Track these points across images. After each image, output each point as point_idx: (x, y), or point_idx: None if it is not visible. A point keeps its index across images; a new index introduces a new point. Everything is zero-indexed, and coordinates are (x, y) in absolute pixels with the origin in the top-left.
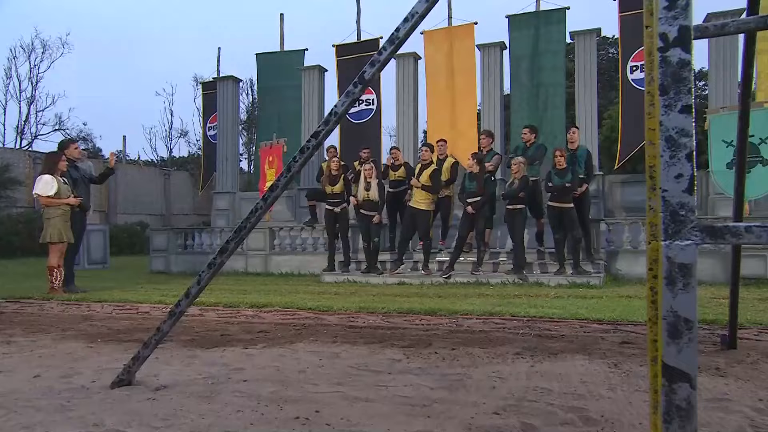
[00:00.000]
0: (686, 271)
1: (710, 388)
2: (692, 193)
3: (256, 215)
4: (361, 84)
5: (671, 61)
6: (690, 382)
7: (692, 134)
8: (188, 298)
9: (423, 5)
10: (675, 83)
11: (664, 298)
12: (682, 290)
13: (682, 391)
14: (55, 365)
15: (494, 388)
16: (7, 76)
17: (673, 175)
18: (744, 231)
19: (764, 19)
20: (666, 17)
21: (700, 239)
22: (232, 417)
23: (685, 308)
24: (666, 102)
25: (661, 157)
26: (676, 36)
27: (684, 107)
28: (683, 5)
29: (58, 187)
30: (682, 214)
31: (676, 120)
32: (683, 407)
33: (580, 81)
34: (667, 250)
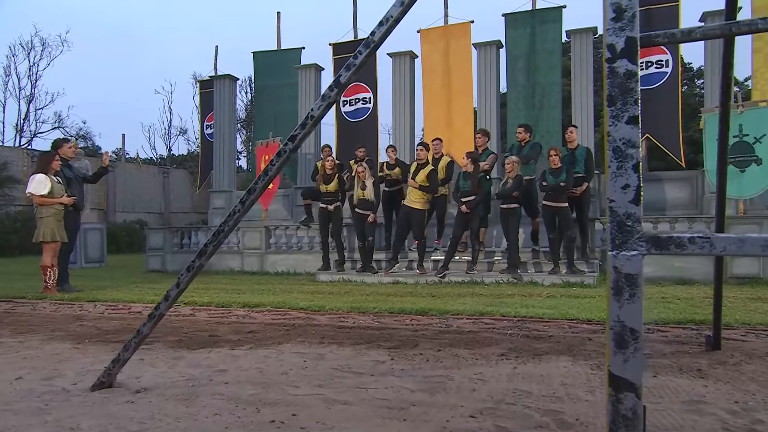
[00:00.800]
0: (633, 281)
1: (688, 390)
2: (639, 203)
3: (234, 218)
4: (337, 88)
5: (618, 72)
6: (636, 392)
7: (639, 145)
8: (167, 301)
9: (398, 9)
10: (622, 94)
11: (610, 308)
12: (628, 300)
13: (628, 401)
14: (39, 367)
15: (474, 391)
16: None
17: (620, 185)
18: (687, 242)
19: (729, 26)
20: (613, 29)
21: (646, 250)
22: (209, 420)
23: (632, 318)
24: (613, 113)
25: (608, 167)
26: (624, 47)
27: (631, 118)
28: (630, 17)
29: (51, 186)
30: (629, 224)
31: (623, 131)
32: (629, 417)
33: (576, 80)
34: (614, 260)
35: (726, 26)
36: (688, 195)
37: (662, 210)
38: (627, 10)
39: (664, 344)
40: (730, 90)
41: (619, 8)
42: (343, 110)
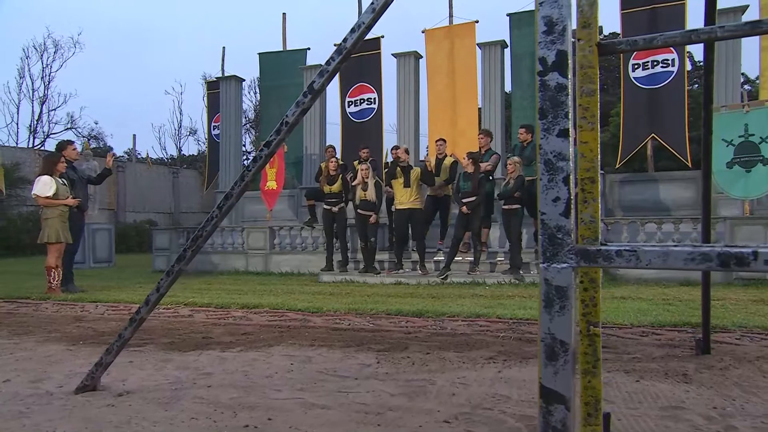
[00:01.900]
0: (563, 293)
1: (669, 396)
2: (569, 216)
3: (212, 223)
4: (311, 94)
5: (550, 85)
6: (566, 404)
7: (569, 158)
8: (148, 305)
9: (369, 16)
10: (553, 107)
11: (541, 321)
12: (558, 313)
13: (558, 413)
14: (29, 369)
15: (454, 395)
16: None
17: (551, 198)
18: (615, 255)
19: (689, 33)
20: (545, 42)
21: (576, 262)
22: (184, 425)
23: (562, 331)
24: (545, 126)
25: (540, 180)
26: (555, 60)
27: (561, 131)
28: (560, 30)
29: (56, 187)
30: (559, 237)
31: (554, 144)
32: (559, 429)
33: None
34: (545, 272)
35: (686, 34)
36: (694, 195)
37: (667, 210)
38: (558, 23)
39: (655, 347)
40: (711, 93)
41: (550, 22)
42: (348, 111)
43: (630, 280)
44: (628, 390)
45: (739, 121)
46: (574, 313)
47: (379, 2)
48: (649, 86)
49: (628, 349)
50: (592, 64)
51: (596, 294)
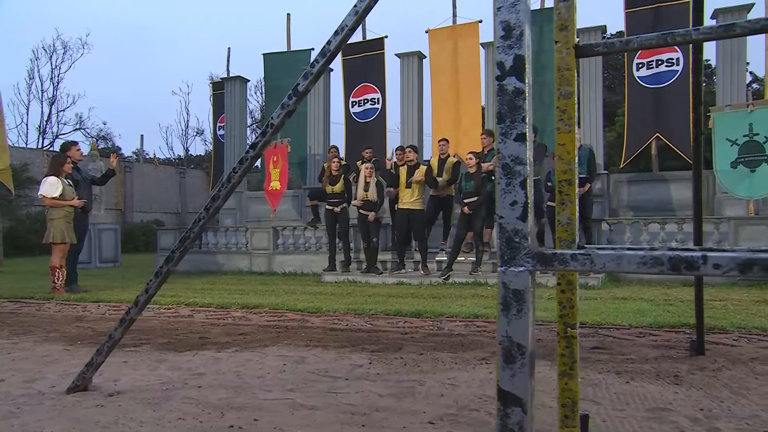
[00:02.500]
0: (520, 297)
1: (657, 397)
2: (526, 219)
3: (199, 225)
4: (296, 96)
5: (507, 89)
6: (522, 407)
7: (527, 162)
8: (137, 306)
9: (352, 19)
10: (511, 111)
11: (499, 324)
12: (515, 316)
13: (515, 416)
14: (25, 369)
15: (442, 396)
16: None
17: (508, 202)
18: (570, 259)
19: (665, 36)
20: (503, 46)
21: (532, 266)
22: (170, 425)
23: (519, 334)
24: (503, 130)
25: (498, 184)
26: (512, 65)
27: (519, 135)
28: (518, 35)
29: (62, 188)
30: (517, 240)
31: (512, 148)
32: (516, 431)
33: (584, 79)
34: (503, 276)
35: (662, 36)
36: None
37: (672, 210)
38: (515, 28)
39: (651, 348)
40: (700, 93)
41: (508, 26)
42: (351, 111)
43: (633, 280)
44: (617, 391)
45: (744, 121)
46: (531, 316)
47: (362, 6)
48: (653, 85)
49: (624, 350)
50: (569, 66)
51: (573, 296)
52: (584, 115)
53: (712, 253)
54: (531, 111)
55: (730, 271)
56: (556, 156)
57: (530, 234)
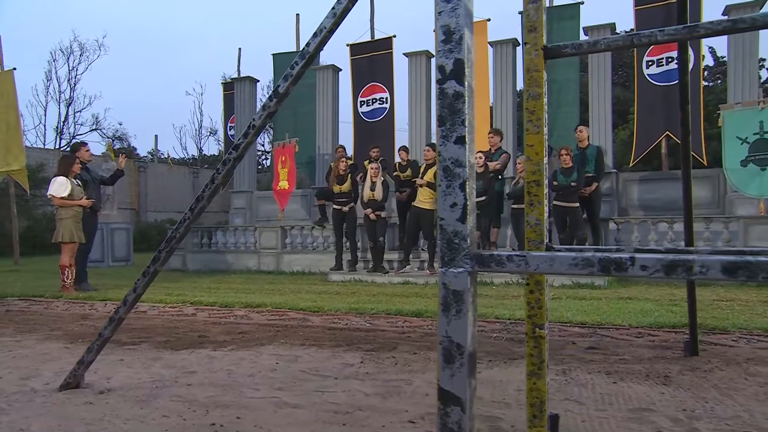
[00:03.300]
0: (459, 297)
1: (642, 398)
2: (465, 221)
3: (184, 225)
4: (276, 98)
5: (448, 93)
6: (461, 406)
7: (466, 164)
8: (126, 305)
9: (330, 20)
10: (451, 115)
11: (440, 324)
12: (455, 316)
13: (455, 415)
14: (23, 366)
15: (427, 395)
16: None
17: (449, 204)
18: (506, 260)
19: (631, 37)
20: (443, 50)
21: (471, 267)
22: (154, 423)
23: (458, 334)
24: (443, 133)
25: (439, 186)
26: (452, 68)
27: (458, 138)
28: (458, 39)
29: (71, 188)
30: (456, 242)
31: (452, 150)
32: (455, 430)
33: (593, 78)
34: (443, 277)
35: (628, 37)
36: (710, 194)
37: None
38: (455, 32)
39: (647, 349)
40: (686, 94)
41: (449, 31)
42: (360, 110)
43: (640, 280)
44: (603, 391)
45: (754, 119)
46: (470, 316)
47: (340, 7)
48: (663, 83)
49: (619, 350)
50: (538, 68)
51: (541, 296)
52: (593, 114)
53: (639, 255)
54: (472, 113)
55: (655, 272)
56: (525, 157)
57: (470, 235)
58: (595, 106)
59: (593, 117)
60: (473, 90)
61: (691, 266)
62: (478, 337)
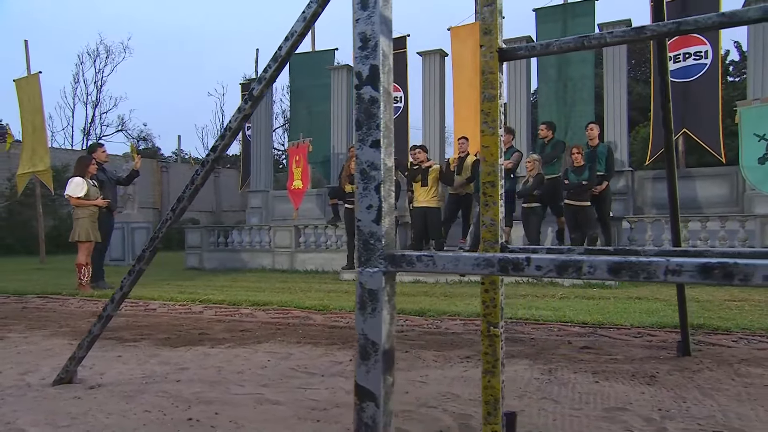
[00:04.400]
0: (374, 296)
1: (620, 397)
2: (380, 222)
3: (166, 225)
4: (251, 101)
5: (364, 98)
6: (375, 401)
7: (381, 167)
8: (113, 303)
9: (301, 24)
10: (367, 119)
11: (356, 322)
12: (370, 315)
13: (369, 410)
14: (24, 362)
15: (407, 393)
16: (75, 81)
17: (365, 206)
18: (416, 260)
19: (582, 39)
20: (360, 57)
21: (385, 267)
22: (134, 417)
23: (373, 332)
24: (360, 137)
25: (356, 188)
26: (368, 74)
27: (374, 142)
28: (373, 46)
29: (87, 189)
30: (372, 243)
31: (368, 154)
32: (369, 425)
33: (608, 75)
34: (360, 276)
35: (579, 39)
36: (728, 192)
37: (699, 208)
38: (371, 39)
39: (642, 349)
40: (668, 94)
41: (365, 37)
42: None
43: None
44: (583, 391)
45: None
46: (385, 314)
47: (309, 11)
48: (680, 80)
49: (613, 350)
50: (493, 70)
51: (496, 296)
52: (608, 111)
53: (535, 255)
54: (388, 117)
55: (548, 272)
56: (481, 158)
57: (385, 236)
58: (611, 103)
59: (608, 114)
60: (391, 95)
61: (580, 266)
62: (395, 335)
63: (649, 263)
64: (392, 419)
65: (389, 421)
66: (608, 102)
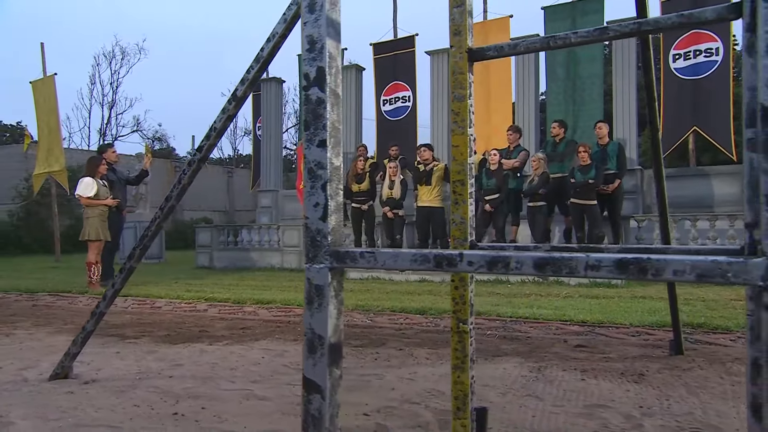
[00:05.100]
0: (320, 292)
1: (604, 395)
2: (326, 220)
3: (156, 223)
4: (234, 101)
5: (311, 99)
6: (321, 393)
7: (327, 166)
8: (105, 300)
9: (282, 26)
10: (314, 120)
11: (304, 317)
12: (317, 309)
13: (316, 402)
14: (26, 357)
15: (393, 390)
16: (91, 82)
17: (312, 204)
18: (358, 256)
19: (548, 39)
20: (308, 59)
21: (330, 263)
22: (122, 411)
23: (320, 326)
24: (308, 137)
25: (304, 187)
26: (315, 76)
27: (320, 142)
28: (320, 48)
29: (97, 188)
30: (318, 239)
31: (315, 153)
32: (316, 416)
33: (617, 73)
34: (308, 272)
35: (545, 40)
36: (738, 191)
37: (709, 207)
38: (317, 42)
39: (637, 347)
40: (652, 92)
41: (312, 40)
42: (383, 109)
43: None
44: (568, 388)
45: None
46: (332, 309)
47: (290, 14)
48: (690, 77)
49: (607, 348)
50: (462, 71)
51: (465, 293)
52: (617, 109)
53: (467, 252)
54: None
55: (479, 267)
56: (451, 157)
57: (331, 233)
58: (620, 102)
59: (617, 112)
60: (338, 96)
61: (508, 262)
62: (343, 329)
63: (571, 259)
64: (339, 411)
65: (336, 413)
66: (617, 100)
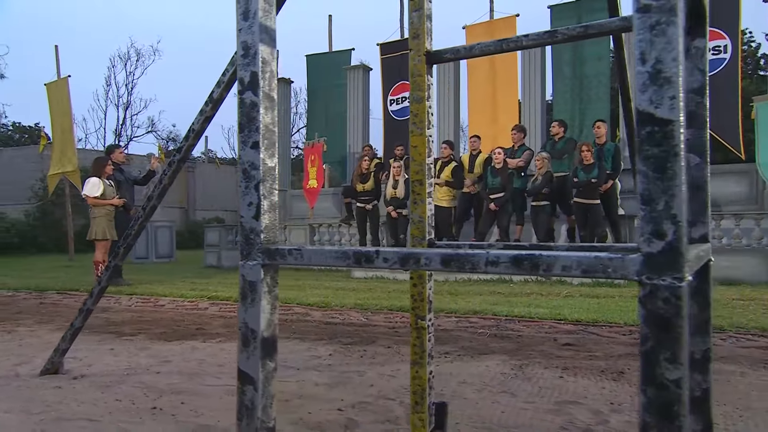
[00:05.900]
0: (253, 288)
1: (578, 392)
2: (259, 219)
3: (139, 222)
4: (212, 103)
5: (246, 102)
6: (254, 385)
7: (260, 167)
8: (92, 297)
9: None
10: (248, 122)
11: (239, 312)
12: (250, 305)
13: (249, 393)
14: (22, 354)
15: (371, 386)
16: (107, 84)
17: (246, 203)
18: (287, 253)
19: (501, 43)
20: (242, 64)
21: (262, 260)
22: (104, 405)
23: (253, 321)
24: (242, 139)
25: (238, 187)
26: (249, 80)
27: (254, 143)
28: (253, 54)
29: (104, 188)
30: (252, 237)
31: (249, 155)
32: (249, 407)
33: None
34: (242, 269)
35: (498, 43)
36: (747, 189)
37: (717, 206)
38: (251, 47)
39: (625, 346)
40: (627, 91)
41: (246, 46)
42: (390, 109)
43: None
44: (543, 385)
45: None
46: (264, 304)
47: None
48: None
49: (595, 347)
50: (421, 73)
51: (423, 290)
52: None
53: (383, 249)
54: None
55: (393, 264)
56: (410, 158)
57: (264, 231)
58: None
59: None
60: (273, 99)
61: (419, 259)
62: (277, 324)
63: (473, 255)
64: (273, 402)
65: (269, 404)
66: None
